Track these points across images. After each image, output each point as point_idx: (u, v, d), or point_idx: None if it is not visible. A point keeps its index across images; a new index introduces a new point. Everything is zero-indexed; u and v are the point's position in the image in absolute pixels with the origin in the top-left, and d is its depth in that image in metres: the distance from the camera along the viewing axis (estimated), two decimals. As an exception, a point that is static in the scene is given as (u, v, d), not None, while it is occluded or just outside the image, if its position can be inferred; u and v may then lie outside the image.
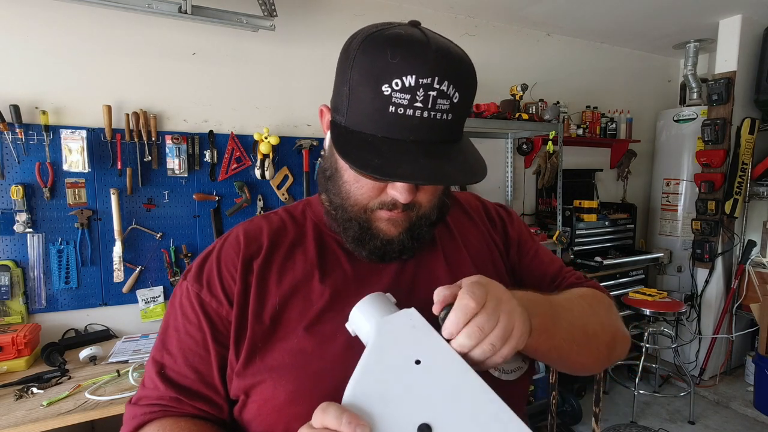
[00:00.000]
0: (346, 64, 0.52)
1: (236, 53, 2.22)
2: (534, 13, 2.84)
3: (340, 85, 0.54)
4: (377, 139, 0.51)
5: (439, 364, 0.47)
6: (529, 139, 3.06)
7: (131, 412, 0.58)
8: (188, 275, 0.61)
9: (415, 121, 0.50)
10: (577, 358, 0.61)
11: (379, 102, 0.49)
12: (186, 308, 0.59)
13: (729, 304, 3.12)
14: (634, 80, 3.68)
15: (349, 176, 0.56)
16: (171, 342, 0.59)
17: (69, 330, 1.92)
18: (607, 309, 0.67)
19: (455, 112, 0.52)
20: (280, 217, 0.66)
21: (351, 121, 0.52)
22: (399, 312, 0.50)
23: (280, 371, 0.54)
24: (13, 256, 1.84)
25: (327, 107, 0.59)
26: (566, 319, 0.58)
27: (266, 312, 0.57)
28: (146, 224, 2.06)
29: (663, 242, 3.55)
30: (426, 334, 0.48)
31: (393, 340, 0.48)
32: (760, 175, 3.09)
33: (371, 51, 0.50)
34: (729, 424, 2.72)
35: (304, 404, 0.52)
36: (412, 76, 0.48)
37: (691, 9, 2.81)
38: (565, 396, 2.66)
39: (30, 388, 1.48)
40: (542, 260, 0.73)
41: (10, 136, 1.80)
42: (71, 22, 1.89)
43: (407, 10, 2.67)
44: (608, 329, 0.65)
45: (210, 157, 2.15)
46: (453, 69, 0.50)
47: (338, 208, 0.59)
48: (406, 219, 0.58)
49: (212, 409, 0.57)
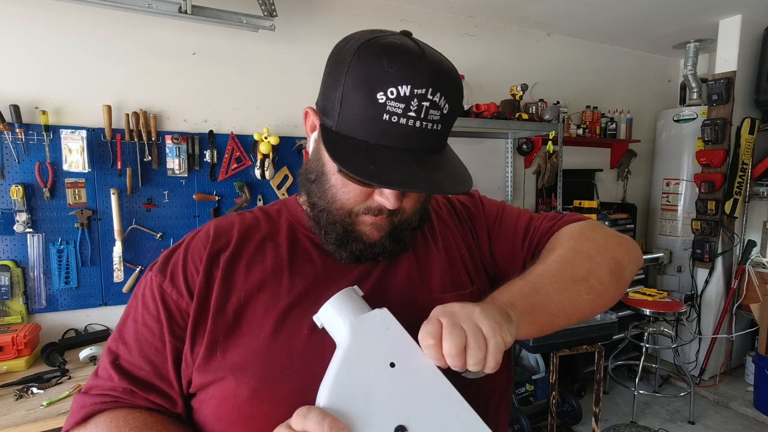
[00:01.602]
0: (339, 68, 0.52)
1: (236, 53, 2.22)
2: (534, 13, 2.84)
3: (330, 89, 0.54)
4: (370, 145, 0.51)
5: (412, 368, 0.48)
6: (529, 139, 3.06)
7: (81, 401, 0.56)
8: (154, 266, 0.61)
9: (408, 130, 0.51)
10: (584, 310, 0.59)
11: (373, 109, 0.50)
12: (147, 299, 0.59)
13: (729, 304, 3.12)
14: (634, 80, 3.68)
15: (336, 180, 0.56)
16: (128, 332, 0.58)
17: (69, 330, 1.92)
18: (592, 241, 0.65)
19: (444, 122, 0.53)
20: (254, 215, 0.66)
21: (342, 125, 0.52)
22: (372, 312, 0.50)
23: (242, 368, 0.53)
24: (13, 256, 1.84)
25: (313, 110, 0.60)
26: (546, 292, 0.56)
27: (230, 305, 0.56)
28: (146, 224, 2.06)
29: (663, 242, 3.55)
30: (399, 337, 0.49)
31: (367, 341, 0.49)
32: (760, 175, 3.09)
33: (367, 58, 0.51)
34: (729, 424, 2.72)
35: (267, 401, 0.52)
36: (408, 86, 0.49)
37: (691, 9, 2.81)
38: (565, 396, 2.66)
39: (30, 388, 1.49)
40: (509, 226, 0.71)
41: (10, 136, 1.80)
42: (71, 22, 1.89)
43: (407, 10, 2.67)
44: (603, 262, 0.62)
45: (210, 157, 2.15)
46: (445, 81, 0.52)
47: (323, 211, 0.59)
48: (389, 224, 0.59)
49: (166, 403, 0.56)
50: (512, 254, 0.70)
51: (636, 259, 0.68)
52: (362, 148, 0.51)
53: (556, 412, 2.25)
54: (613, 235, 0.68)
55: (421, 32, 3.05)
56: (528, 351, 2.62)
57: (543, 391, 2.62)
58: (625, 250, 0.66)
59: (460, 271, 0.66)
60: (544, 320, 0.55)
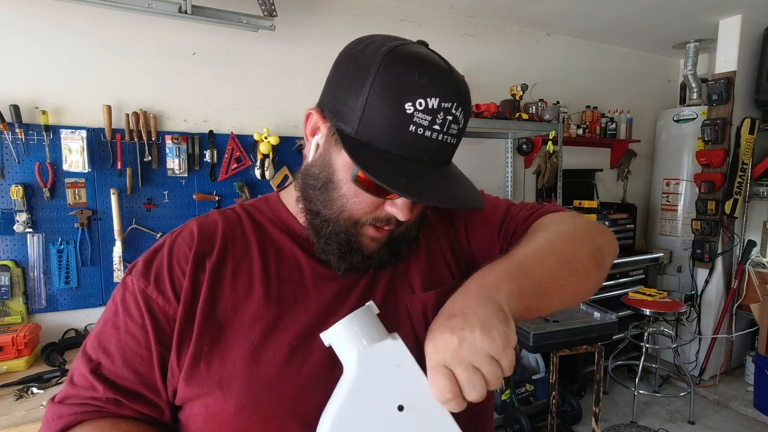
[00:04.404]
0: (363, 74, 0.50)
1: (236, 53, 2.22)
2: (534, 13, 2.84)
3: (349, 94, 0.51)
4: (394, 156, 0.50)
5: (422, 413, 0.46)
6: (529, 139, 3.06)
7: (56, 411, 0.52)
8: (134, 270, 0.57)
9: (430, 143, 0.50)
10: (567, 294, 0.58)
11: (399, 119, 0.49)
12: (129, 305, 0.55)
13: (729, 304, 3.12)
14: (634, 80, 3.68)
15: (348, 190, 0.54)
16: (109, 340, 0.54)
17: (69, 330, 1.92)
18: (573, 227, 0.63)
19: (459, 137, 0.54)
20: (237, 214, 0.63)
21: (363, 133, 0.50)
22: (384, 342, 0.47)
23: (229, 381, 0.51)
24: (13, 256, 1.84)
25: (318, 112, 0.56)
26: (532, 272, 0.55)
27: (216, 314, 0.54)
28: (146, 224, 2.06)
29: (663, 242, 3.55)
30: (410, 376, 0.47)
31: (376, 376, 0.46)
32: (760, 175, 3.09)
33: (396, 67, 0.49)
34: (729, 424, 2.72)
35: (256, 416, 0.50)
36: (436, 99, 0.49)
37: (691, 9, 2.81)
38: (565, 396, 2.66)
39: (30, 388, 1.49)
40: (486, 216, 0.70)
41: (10, 136, 1.80)
42: (71, 22, 1.89)
43: (407, 10, 2.67)
44: (585, 247, 0.61)
45: (210, 157, 2.15)
46: (466, 96, 0.53)
47: (327, 221, 0.56)
48: (389, 236, 0.57)
49: (153, 412, 0.54)
50: (489, 243, 0.68)
51: (614, 250, 0.67)
52: (387, 159, 0.49)
53: (556, 412, 2.25)
54: (594, 224, 0.67)
55: (421, 32, 3.05)
56: (528, 351, 2.62)
57: (543, 391, 2.62)
58: (606, 240, 0.65)
59: (441, 267, 0.65)
60: (530, 303, 0.53)
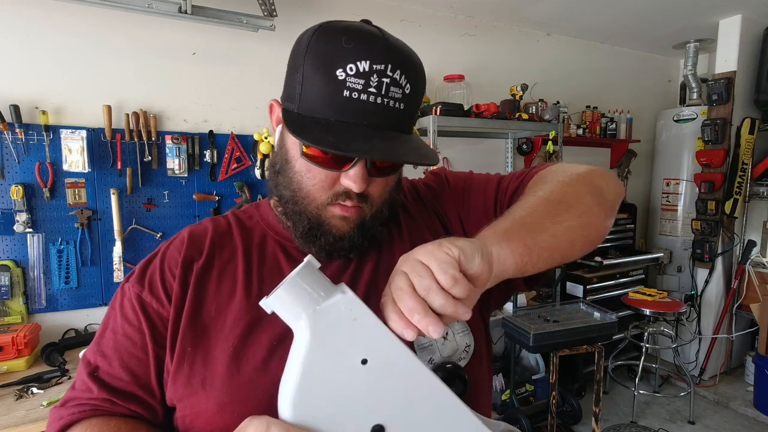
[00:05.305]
0: (299, 52, 0.53)
1: (236, 53, 2.22)
2: (534, 13, 2.84)
3: (292, 73, 0.54)
4: (330, 122, 0.51)
5: (389, 363, 0.43)
6: (529, 139, 3.06)
7: (58, 414, 0.55)
8: (130, 278, 0.60)
9: (369, 106, 0.50)
10: (569, 231, 0.56)
11: (333, 86, 0.50)
12: (126, 310, 0.58)
13: (729, 304, 3.12)
14: (634, 80, 3.68)
15: (300, 166, 0.55)
16: (107, 344, 0.57)
17: (69, 330, 1.92)
18: (563, 173, 0.63)
19: (407, 102, 0.53)
20: (227, 220, 0.65)
21: (304, 107, 0.52)
22: (334, 299, 0.43)
23: (211, 381, 0.53)
24: (13, 256, 1.84)
25: (277, 102, 0.59)
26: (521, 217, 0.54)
27: (200, 316, 0.56)
28: (146, 224, 2.06)
29: (663, 242, 3.56)
30: (370, 329, 0.43)
31: (332, 336, 0.42)
32: (760, 175, 3.09)
33: (325, 38, 0.51)
34: (729, 424, 2.72)
35: (237, 414, 0.50)
36: (366, 62, 0.49)
37: (691, 9, 2.81)
38: (565, 396, 2.66)
39: (30, 388, 1.49)
40: (478, 197, 0.69)
41: (10, 136, 1.80)
42: (71, 22, 1.89)
43: (407, 10, 2.67)
44: (580, 187, 0.60)
45: (210, 157, 2.15)
46: (405, 60, 0.52)
47: (288, 201, 0.57)
48: (358, 215, 0.57)
49: (145, 412, 0.56)
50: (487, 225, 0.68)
51: (616, 190, 0.65)
52: (323, 124, 0.50)
53: (556, 412, 2.25)
54: (592, 169, 0.66)
55: (421, 32, 3.03)
56: (528, 351, 2.62)
57: (543, 391, 2.62)
58: (605, 181, 0.64)
59: None
60: (526, 240, 0.50)
